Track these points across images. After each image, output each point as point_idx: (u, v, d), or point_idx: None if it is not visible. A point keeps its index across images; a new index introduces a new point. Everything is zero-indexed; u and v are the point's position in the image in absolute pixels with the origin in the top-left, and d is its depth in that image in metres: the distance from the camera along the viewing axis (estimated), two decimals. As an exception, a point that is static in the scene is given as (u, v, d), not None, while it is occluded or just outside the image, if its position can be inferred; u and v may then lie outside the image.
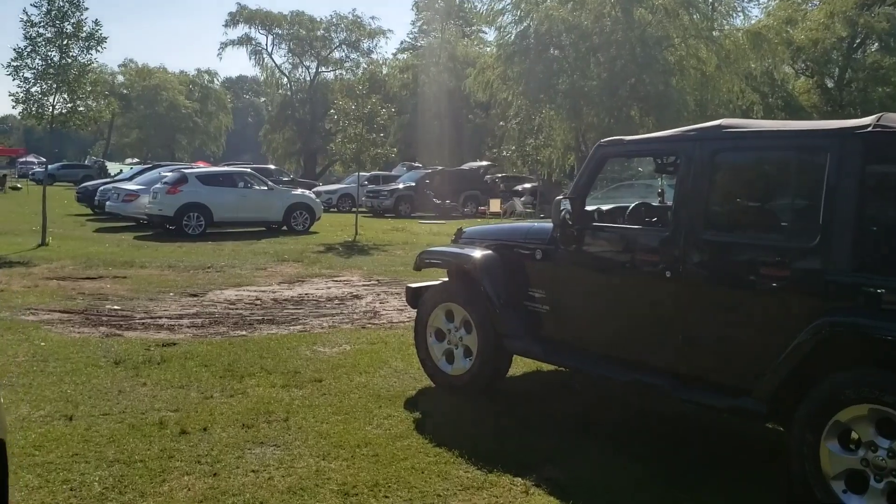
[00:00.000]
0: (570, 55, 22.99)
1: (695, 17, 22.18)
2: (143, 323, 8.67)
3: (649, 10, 23.02)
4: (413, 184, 30.07)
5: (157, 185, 19.79)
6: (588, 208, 5.12)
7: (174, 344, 7.52)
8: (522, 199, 29.61)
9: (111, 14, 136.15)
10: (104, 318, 8.80)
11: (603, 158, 5.05)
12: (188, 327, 8.54)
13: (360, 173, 21.99)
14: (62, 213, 25.13)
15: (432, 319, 6.11)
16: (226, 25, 55.46)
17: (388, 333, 8.29)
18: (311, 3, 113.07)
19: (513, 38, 23.46)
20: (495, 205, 28.58)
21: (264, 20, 55.09)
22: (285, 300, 10.57)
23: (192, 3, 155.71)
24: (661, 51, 22.29)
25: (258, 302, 10.38)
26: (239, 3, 54.81)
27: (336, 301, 10.59)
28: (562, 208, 4.98)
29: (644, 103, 22.71)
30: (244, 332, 8.31)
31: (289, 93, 59.34)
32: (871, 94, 28.72)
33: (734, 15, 23.24)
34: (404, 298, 6.76)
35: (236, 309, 9.81)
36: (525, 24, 23.36)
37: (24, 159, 62.08)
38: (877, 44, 28.92)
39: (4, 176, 40.10)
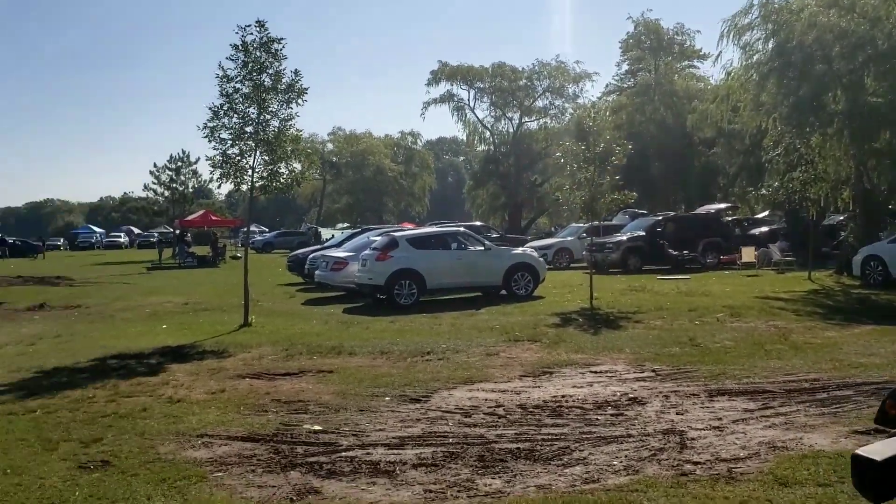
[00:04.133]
0: (843, 69, 18.53)
1: None
2: (351, 460, 5.93)
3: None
4: (642, 233, 26.31)
5: (366, 252, 17.76)
6: None
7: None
8: (778, 244, 24.92)
9: (318, 87, 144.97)
10: (298, 453, 6.16)
11: None
12: (414, 468, 5.69)
13: (589, 224, 18.74)
14: (274, 283, 24.14)
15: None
16: (428, 84, 55.17)
17: (740, 494, 4.89)
18: (512, 53, 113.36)
19: (769, 54, 19.39)
20: (748, 254, 24.13)
21: (466, 75, 54.15)
22: (537, 408, 7.53)
23: (395, 67, 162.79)
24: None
25: (501, 411, 7.42)
26: (440, 61, 54.43)
27: (609, 409, 7.38)
28: None
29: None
30: (498, 483, 5.32)
31: (491, 147, 57.85)
32: None
33: None
34: (854, 485, 3.25)
35: (474, 426, 6.90)
36: (781, 36, 19.25)
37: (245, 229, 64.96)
38: None
39: (224, 246, 41.04)
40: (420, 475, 5.55)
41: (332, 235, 37.92)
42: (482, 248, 17.97)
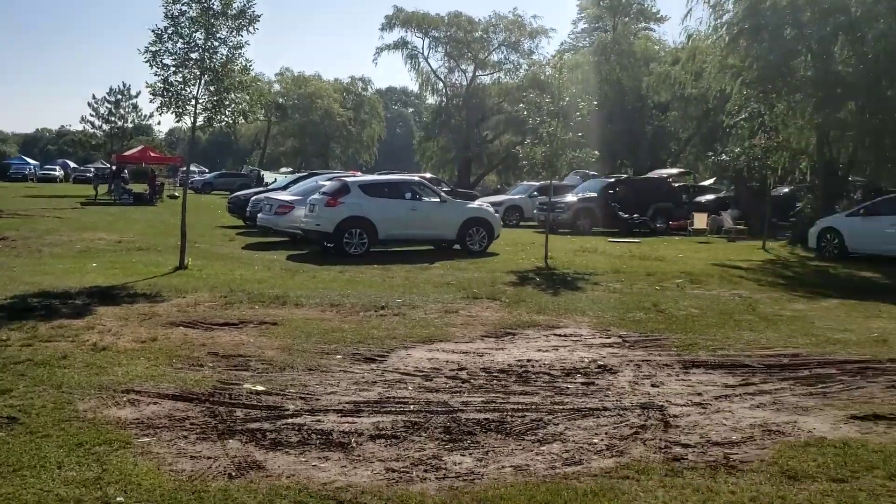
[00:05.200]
0: (814, 34, 18.09)
1: None
2: (300, 428, 5.23)
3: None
4: (594, 194, 25.90)
5: (315, 196, 16.83)
6: None
7: (356, 505, 3.99)
8: (729, 212, 24.81)
9: (266, 26, 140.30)
10: (238, 417, 5.43)
11: None
12: (372, 440, 5.03)
13: (542, 182, 18.17)
14: (212, 225, 23.05)
15: None
16: (382, 29, 53.48)
17: (746, 489, 4.36)
18: (468, 3, 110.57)
19: (740, 14, 18.79)
20: (700, 220, 23.96)
21: (421, 22, 52.60)
22: (502, 372, 6.96)
23: (348, 11, 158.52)
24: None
25: (464, 375, 6.82)
26: (395, 6, 52.70)
27: (579, 377, 6.85)
28: None
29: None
30: (469, 461, 4.70)
31: (444, 99, 56.64)
32: None
33: None
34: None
35: (437, 391, 6.28)
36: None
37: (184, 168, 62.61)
38: None
39: (162, 184, 39.34)
40: (379, 449, 4.89)
41: (275, 179, 36.62)
42: (437, 200, 17.23)
